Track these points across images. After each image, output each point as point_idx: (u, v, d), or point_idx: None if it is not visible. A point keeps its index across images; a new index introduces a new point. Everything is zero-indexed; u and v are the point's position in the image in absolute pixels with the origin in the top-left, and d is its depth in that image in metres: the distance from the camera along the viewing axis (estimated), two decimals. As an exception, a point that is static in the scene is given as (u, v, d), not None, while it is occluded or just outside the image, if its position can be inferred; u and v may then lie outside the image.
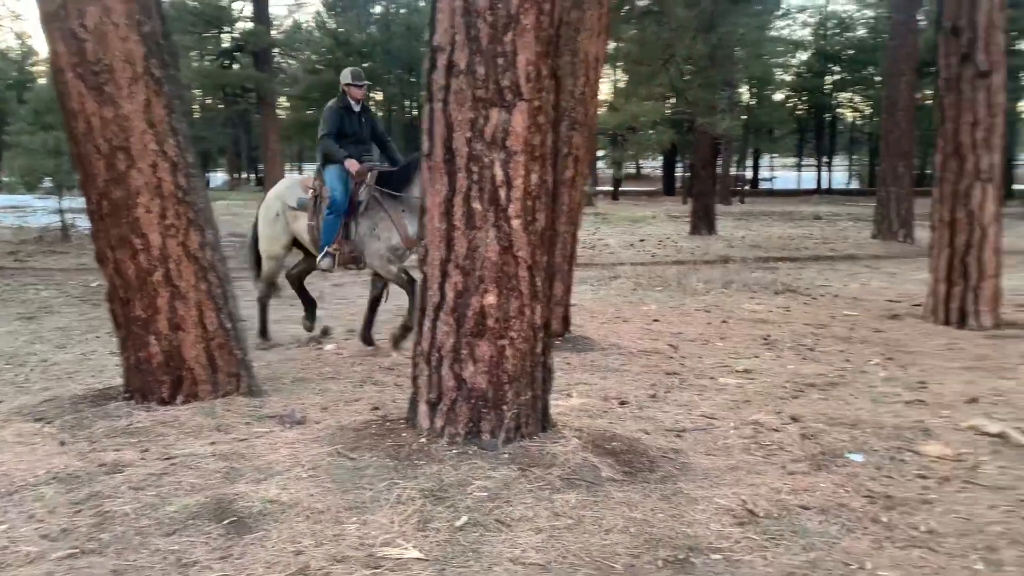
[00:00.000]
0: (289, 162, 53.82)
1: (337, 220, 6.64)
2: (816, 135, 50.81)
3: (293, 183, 7.20)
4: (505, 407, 3.90)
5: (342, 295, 9.91)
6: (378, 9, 51.55)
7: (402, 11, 50.71)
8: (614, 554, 2.96)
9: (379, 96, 53.57)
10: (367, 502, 3.34)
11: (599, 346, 6.88)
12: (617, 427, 4.47)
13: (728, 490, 3.60)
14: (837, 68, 46.07)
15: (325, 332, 7.18)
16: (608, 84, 36.70)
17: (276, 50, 37.74)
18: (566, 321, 7.21)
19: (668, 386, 5.62)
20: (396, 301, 7.22)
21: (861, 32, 43.88)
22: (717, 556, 2.96)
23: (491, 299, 3.83)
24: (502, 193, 3.78)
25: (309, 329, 7.22)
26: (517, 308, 3.88)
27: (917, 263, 12.85)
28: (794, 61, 47.42)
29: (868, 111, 44.79)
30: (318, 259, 6.76)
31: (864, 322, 8.06)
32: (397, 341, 6.57)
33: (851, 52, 43.92)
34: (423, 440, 3.89)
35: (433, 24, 3.81)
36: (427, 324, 3.96)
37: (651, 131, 29.49)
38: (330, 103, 6.99)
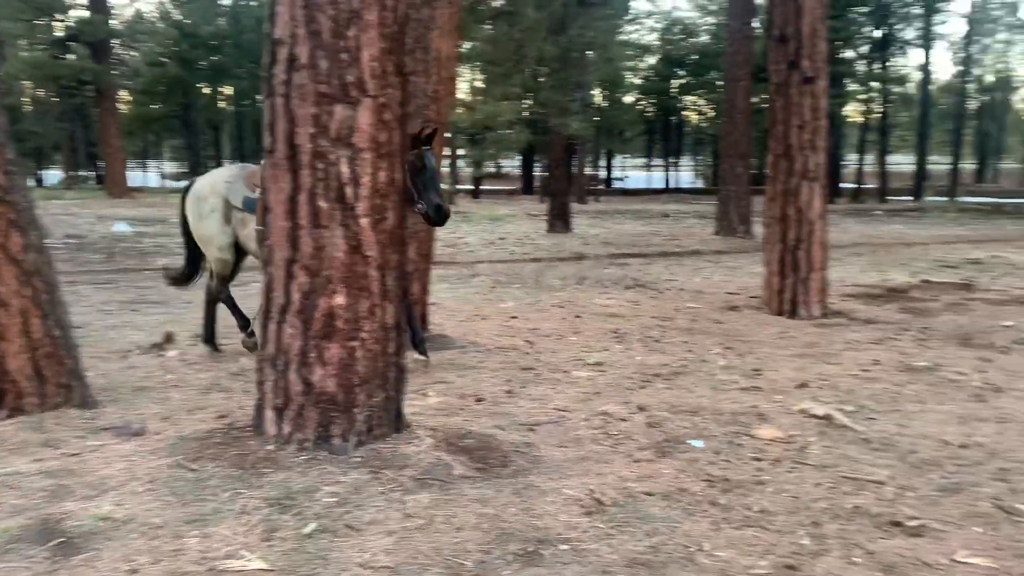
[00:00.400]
0: (132, 159, 50.97)
1: None
2: (664, 136, 53.05)
3: (236, 177, 6.13)
4: (356, 410, 3.84)
5: (187, 299, 9.45)
6: (227, 0, 49.61)
7: (252, 3, 48.98)
8: (465, 551, 2.98)
9: (229, 91, 51.65)
10: (209, 514, 3.20)
11: (457, 344, 6.89)
12: (472, 424, 4.49)
13: (577, 480, 3.70)
14: (682, 72, 48.24)
15: (168, 338, 6.82)
16: (464, 83, 36.90)
17: (115, 41, 35.62)
18: (424, 320, 7.18)
19: (524, 381, 5.70)
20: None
21: (704, 38, 46.12)
22: (565, 547, 3.03)
23: (340, 300, 3.76)
24: (349, 191, 3.72)
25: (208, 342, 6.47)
26: (367, 308, 3.83)
27: (754, 257, 13.63)
28: (642, 65, 49.36)
29: (711, 114, 47.16)
30: None
31: (706, 314, 8.47)
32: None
33: (695, 57, 46.10)
34: (270, 447, 3.77)
35: (273, 16, 3.70)
36: (272, 327, 3.84)
37: (509, 131, 29.91)
38: None
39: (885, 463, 4.05)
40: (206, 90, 51.06)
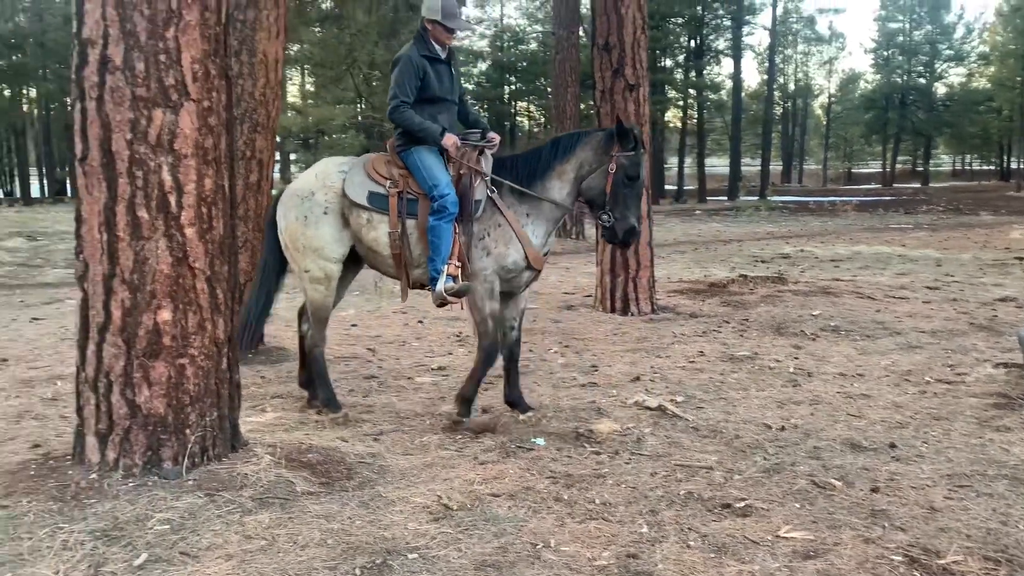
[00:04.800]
0: (-83, 167, 46.20)
1: (450, 225, 4.60)
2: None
3: (353, 167, 4.85)
4: (188, 431, 3.63)
5: (-9, 320, 8.65)
6: (27, -5, 45.95)
7: (57, 0, 45.61)
8: (311, 570, 2.89)
9: (33, 94, 47.77)
10: (25, 554, 2.94)
11: (295, 356, 6.67)
12: (314, 438, 4.37)
13: (424, 487, 3.68)
14: (513, 79, 49.27)
15: (-31, 364, 6.20)
16: (294, 87, 35.94)
17: None
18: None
19: (367, 390, 5.62)
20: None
21: (533, 46, 47.30)
22: (414, 555, 3.01)
23: (166, 315, 3.55)
24: (172, 200, 3.52)
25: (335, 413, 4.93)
26: (196, 323, 3.64)
27: (588, 258, 14.09)
28: (475, 71, 49.97)
29: (543, 119, 48.45)
30: (438, 286, 4.62)
31: (544, 314, 8.67)
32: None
33: (525, 64, 47.19)
34: (93, 476, 3.51)
35: (81, 15, 3.44)
36: (91, 347, 3.57)
37: (343, 135, 29.45)
38: (404, 50, 4.81)
39: (714, 449, 4.30)
40: (6, 92, 47.01)
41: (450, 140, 4.71)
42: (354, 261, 5.06)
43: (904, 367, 6.06)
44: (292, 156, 35.50)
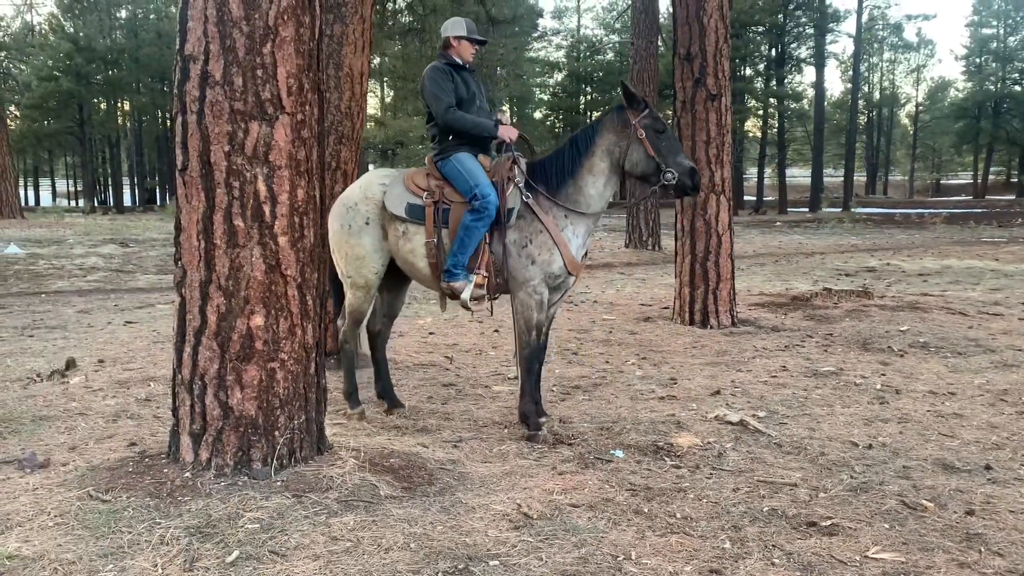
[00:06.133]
0: (23, 178, 48.72)
1: (485, 228, 4.67)
2: (574, 151, 53.92)
3: (394, 180, 4.97)
4: (277, 433, 3.75)
5: (89, 322, 9.07)
6: (124, 14, 48.20)
7: (151, 16, 47.73)
8: (395, 572, 2.94)
9: (127, 107, 50.02)
10: (125, 547, 3.07)
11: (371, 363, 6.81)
12: (395, 443, 4.45)
13: (504, 495, 3.71)
14: (589, 89, 49.24)
15: (70, 364, 6.52)
16: (374, 99, 36.73)
17: (2, 53, 34.03)
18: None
19: (445, 398, 5.69)
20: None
21: (609, 56, 47.20)
22: (495, 562, 3.03)
23: (258, 320, 3.68)
24: (266, 209, 3.65)
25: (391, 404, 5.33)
26: (287, 328, 3.76)
27: (665, 269, 13.99)
28: (551, 81, 50.15)
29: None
30: (463, 292, 4.74)
31: (621, 325, 8.62)
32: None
33: (601, 74, 47.13)
34: (187, 475, 3.65)
35: (184, 32, 3.61)
36: (187, 350, 3.72)
37: (421, 146, 29.94)
38: (432, 64, 5.06)
39: (798, 465, 4.20)
40: (102, 106, 49.36)
41: (505, 130, 4.80)
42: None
43: (1000, 386, 5.82)
44: (371, 167, 36.33)
